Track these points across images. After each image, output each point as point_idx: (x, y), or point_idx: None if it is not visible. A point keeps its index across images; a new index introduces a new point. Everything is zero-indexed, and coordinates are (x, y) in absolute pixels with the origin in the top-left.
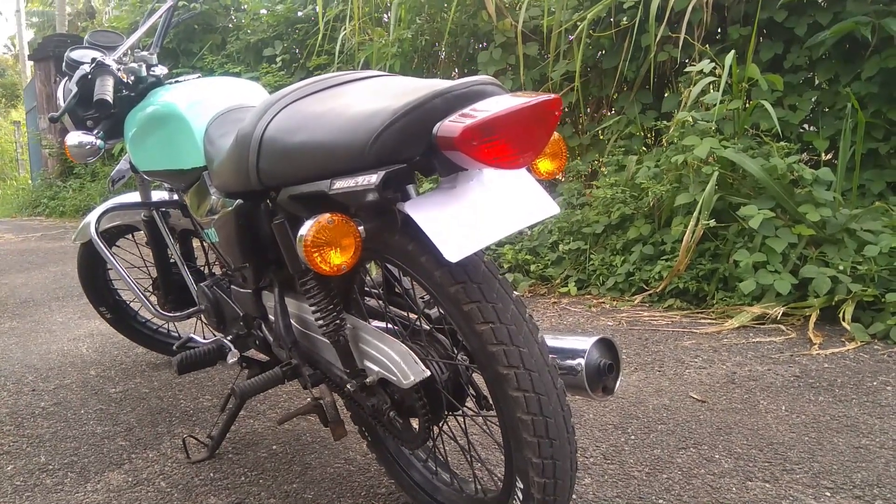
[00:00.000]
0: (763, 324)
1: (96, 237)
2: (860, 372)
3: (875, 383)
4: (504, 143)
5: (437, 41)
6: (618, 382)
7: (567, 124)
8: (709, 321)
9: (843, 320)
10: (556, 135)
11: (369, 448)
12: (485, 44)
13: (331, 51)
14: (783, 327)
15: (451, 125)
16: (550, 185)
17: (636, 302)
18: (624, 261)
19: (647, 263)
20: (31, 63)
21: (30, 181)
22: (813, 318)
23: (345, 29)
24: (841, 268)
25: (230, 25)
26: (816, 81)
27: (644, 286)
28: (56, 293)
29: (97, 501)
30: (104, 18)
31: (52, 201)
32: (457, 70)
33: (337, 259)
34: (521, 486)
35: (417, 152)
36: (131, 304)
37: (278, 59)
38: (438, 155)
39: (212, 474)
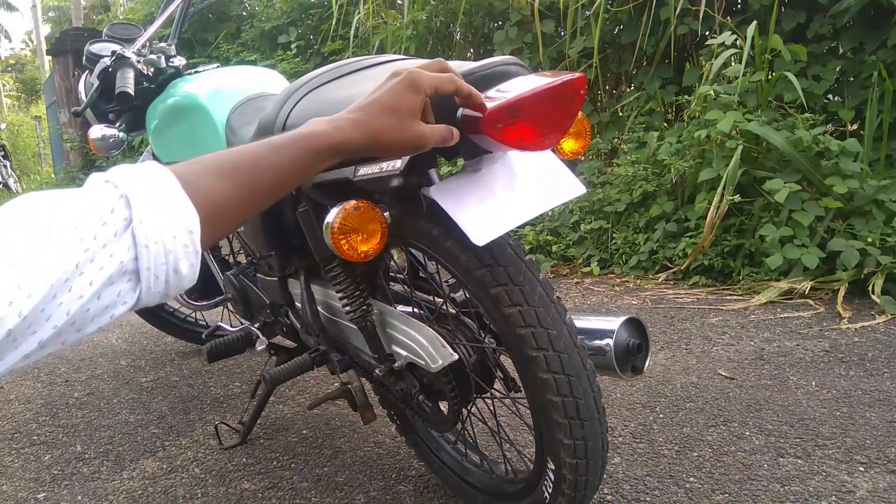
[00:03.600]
0: (791, 299)
1: None
2: (891, 345)
3: None
4: (530, 125)
5: (452, 22)
6: (647, 362)
7: (586, 102)
8: (735, 297)
9: (873, 293)
10: (579, 113)
11: (398, 431)
12: (500, 23)
13: (345, 35)
14: (811, 302)
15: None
16: (571, 164)
17: (660, 280)
18: (647, 239)
19: (670, 241)
20: (50, 58)
21: (52, 175)
22: (842, 292)
23: (359, 13)
24: (869, 240)
25: (244, 13)
26: (841, 50)
27: (668, 264)
28: None
29: (133, 489)
30: (119, 10)
31: None
32: (472, 51)
33: (364, 245)
34: (553, 467)
35: None
36: None
37: (293, 46)
38: (463, 138)
39: (244, 459)
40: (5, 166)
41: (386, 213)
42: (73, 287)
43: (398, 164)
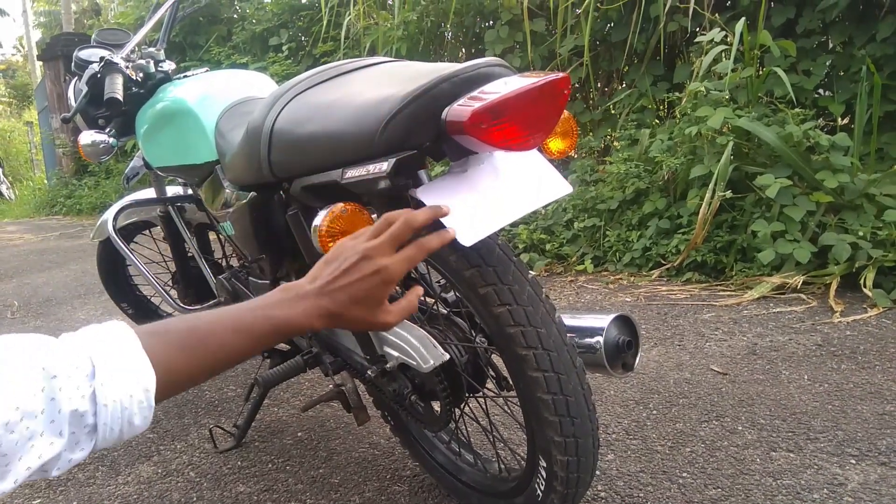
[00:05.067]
0: (783, 294)
1: (114, 234)
2: (883, 338)
3: None
4: (514, 125)
5: (443, 22)
6: (637, 359)
7: (578, 100)
8: (728, 293)
9: (865, 287)
10: (565, 113)
11: (392, 432)
12: (491, 22)
13: (336, 37)
14: (804, 296)
15: (460, 109)
16: (563, 162)
17: (654, 277)
18: (640, 236)
19: (663, 238)
20: (41, 63)
21: (45, 181)
22: (833, 286)
23: (349, 14)
24: (861, 234)
25: (235, 16)
26: (830, 45)
27: (661, 261)
28: (77, 291)
29: (129, 493)
30: (110, 15)
31: (68, 200)
32: (464, 50)
33: None
34: (544, 465)
35: (427, 138)
36: (152, 299)
37: (284, 48)
38: (448, 140)
39: (239, 462)
40: None
41: (374, 216)
42: (44, 433)
43: (384, 166)
